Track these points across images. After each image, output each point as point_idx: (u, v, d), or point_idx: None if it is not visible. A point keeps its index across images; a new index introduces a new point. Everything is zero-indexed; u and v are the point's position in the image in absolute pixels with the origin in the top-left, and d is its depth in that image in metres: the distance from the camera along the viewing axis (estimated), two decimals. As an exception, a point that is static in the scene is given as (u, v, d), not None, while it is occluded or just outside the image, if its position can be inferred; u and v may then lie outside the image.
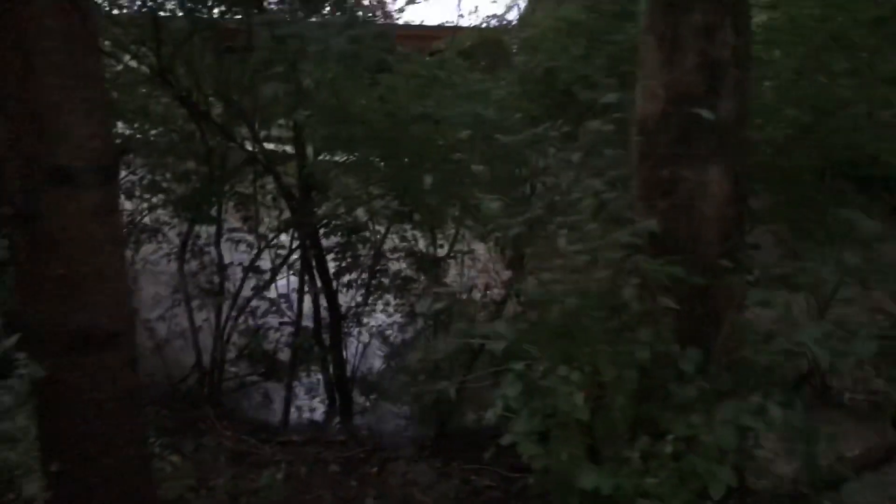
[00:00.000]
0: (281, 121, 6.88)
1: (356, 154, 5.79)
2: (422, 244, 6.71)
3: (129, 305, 3.45)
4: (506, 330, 3.36)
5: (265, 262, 7.00)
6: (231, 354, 7.06)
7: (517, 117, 4.71)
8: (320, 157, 6.56)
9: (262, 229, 7.08)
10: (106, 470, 3.16)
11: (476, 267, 6.83)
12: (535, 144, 4.21)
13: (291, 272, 7.04)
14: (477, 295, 6.67)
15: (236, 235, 7.05)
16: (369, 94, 4.89)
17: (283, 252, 6.95)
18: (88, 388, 3.13)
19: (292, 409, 6.81)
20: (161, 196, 7.23)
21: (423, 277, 6.63)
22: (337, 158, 6.54)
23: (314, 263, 6.68)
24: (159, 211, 7.28)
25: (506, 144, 4.30)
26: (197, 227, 6.88)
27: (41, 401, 3.15)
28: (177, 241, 7.04)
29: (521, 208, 3.46)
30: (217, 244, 6.97)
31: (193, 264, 7.08)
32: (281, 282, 7.15)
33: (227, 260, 6.93)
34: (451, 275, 6.71)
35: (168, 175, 6.85)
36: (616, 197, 3.43)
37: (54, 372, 3.04)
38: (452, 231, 6.57)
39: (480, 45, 8.67)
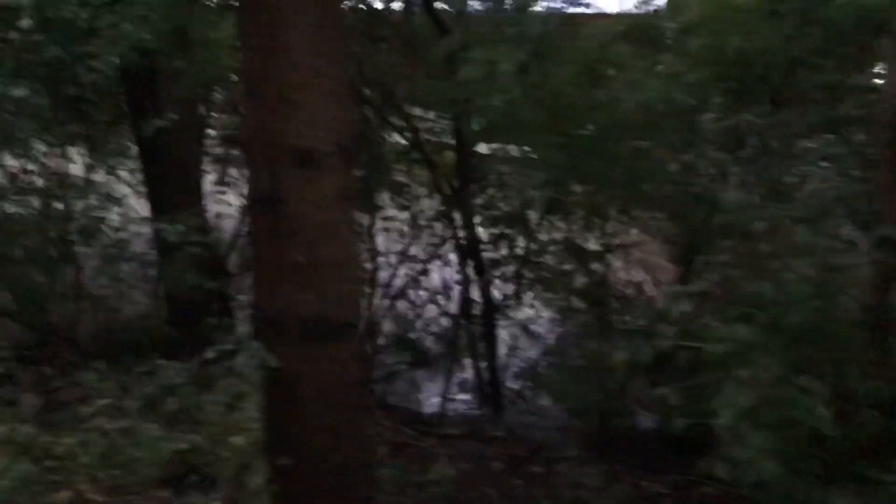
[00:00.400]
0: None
1: (529, 142, 5.64)
2: (581, 236, 6.45)
3: (360, 295, 3.36)
4: (731, 332, 3.09)
5: (419, 251, 6.92)
6: (381, 342, 7.02)
7: (714, 102, 4.41)
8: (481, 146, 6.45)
9: (415, 217, 7.00)
10: (332, 467, 3.07)
11: (636, 262, 6.51)
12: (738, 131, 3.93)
13: (445, 262, 6.92)
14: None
15: (391, 224, 6.99)
16: (552, 81, 4.70)
17: (436, 241, 6.85)
18: (319, 380, 3.05)
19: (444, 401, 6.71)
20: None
21: (580, 271, 6.37)
22: (499, 147, 6.40)
23: (469, 253, 6.55)
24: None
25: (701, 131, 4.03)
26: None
27: (269, 391, 3.09)
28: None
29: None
30: (371, 232, 6.93)
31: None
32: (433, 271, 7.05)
33: (381, 248, 6.89)
34: (614, 270, 6.41)
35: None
36: (856, 188, 3.11)
37: (286, 362, 2.97)
38: (615, 222, 6.28)
39: (633, 29, 8.35)
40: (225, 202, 8.39)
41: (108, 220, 6.57)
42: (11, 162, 7.25)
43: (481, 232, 6.61)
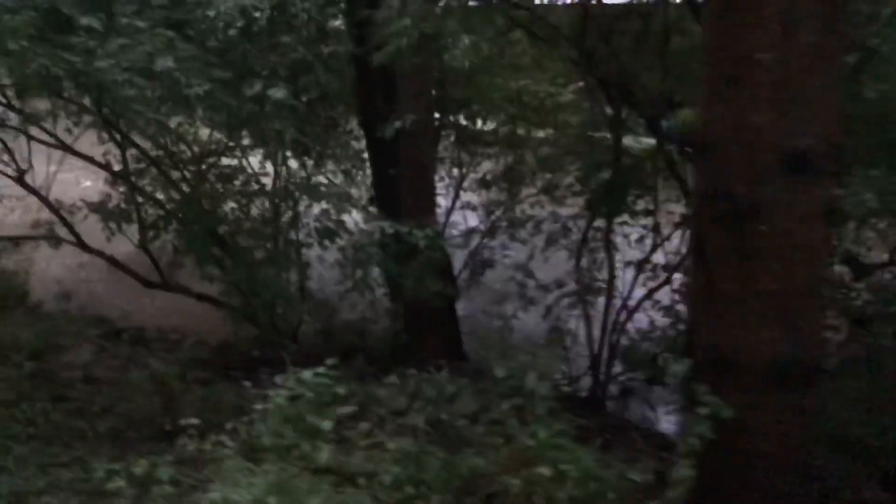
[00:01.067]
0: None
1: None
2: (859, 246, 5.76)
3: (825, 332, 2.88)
4: None
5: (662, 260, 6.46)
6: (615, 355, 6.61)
7: None
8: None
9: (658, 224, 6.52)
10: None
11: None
12: None
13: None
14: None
15: (630, 230, 6.56)
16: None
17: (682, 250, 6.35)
18: (778, 435, 2.60)
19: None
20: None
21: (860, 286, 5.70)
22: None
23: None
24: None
25: None
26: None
27: (711, 443, 2.63)
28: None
29: None
30: (607, 239, 6.51)
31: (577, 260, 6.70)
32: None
33: (624, 257, 6.48)
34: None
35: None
36: None
37: (740, 410, 2.53)
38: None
39: None
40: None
41: (345, 223, 6.48)
42: (234, 162, 7.35)
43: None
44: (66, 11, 4.67)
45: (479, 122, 8.25)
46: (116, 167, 7.18)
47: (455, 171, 8.63)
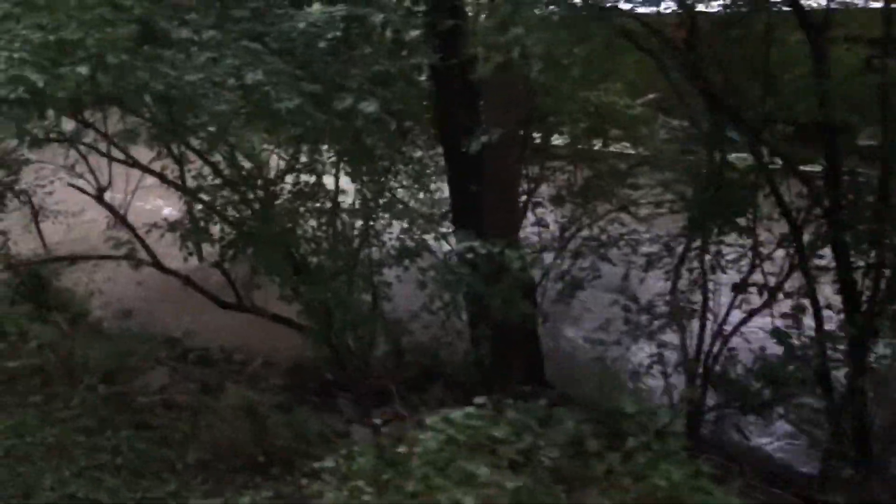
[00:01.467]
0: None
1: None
2: None
3: None
4: None
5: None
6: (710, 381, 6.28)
7: None
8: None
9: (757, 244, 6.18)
10: None
11: None
12: None
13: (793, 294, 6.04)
14: None
15: (727, 249, 6.23)
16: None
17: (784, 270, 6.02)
18: None
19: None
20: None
21: None
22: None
23: (841, 288, 5.63)
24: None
25: None
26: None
27: None
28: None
29: None
30: (702, 259, 6.20)
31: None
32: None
33: (724, 279, 6.15)
34: None
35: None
36: None
37: None
38: None
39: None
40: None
41: (427, 243, 6.23)
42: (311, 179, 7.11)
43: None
44: (164, 25, 4.46)
45: (556, 136, 7.94)
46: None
47: (526, 186, 8.37)
